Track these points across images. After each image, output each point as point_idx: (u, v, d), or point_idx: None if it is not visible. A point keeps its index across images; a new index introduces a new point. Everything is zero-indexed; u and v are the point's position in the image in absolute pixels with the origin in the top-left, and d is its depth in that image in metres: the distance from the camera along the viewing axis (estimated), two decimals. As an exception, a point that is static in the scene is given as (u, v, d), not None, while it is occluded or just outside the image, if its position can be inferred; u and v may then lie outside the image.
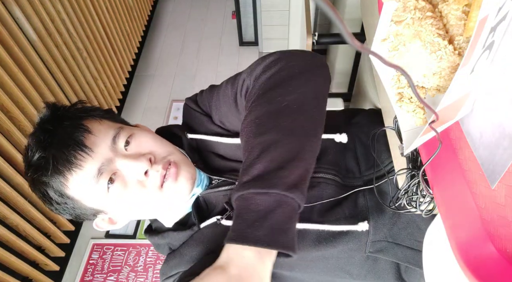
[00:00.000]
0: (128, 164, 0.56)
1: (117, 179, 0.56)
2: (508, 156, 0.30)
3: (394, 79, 0.45)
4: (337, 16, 0.18)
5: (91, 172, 0.55)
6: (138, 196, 0.58)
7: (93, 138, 0.56)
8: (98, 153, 0.55)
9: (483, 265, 0.33)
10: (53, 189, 0.56)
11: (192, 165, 0.65)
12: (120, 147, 0.58)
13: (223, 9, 2.80)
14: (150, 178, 0.58)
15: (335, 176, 0.66)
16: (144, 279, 1.63)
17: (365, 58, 1.49)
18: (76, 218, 0.62)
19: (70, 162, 0.54)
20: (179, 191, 0.61)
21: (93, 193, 0.56)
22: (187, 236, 0.65)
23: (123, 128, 0.60)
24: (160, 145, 0.62)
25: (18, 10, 1.37)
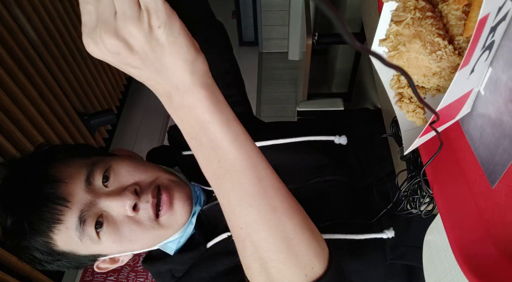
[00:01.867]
0: (112, 202, 0.50)
1: (105, 221, 0.51)
2: (508, 156, 0.30)
3: (394, 79, 0.45)
4: (337, 16, 0.18)
5: (73, 223, 0.49)
6: (134, 235, 0.52)
7: (64, 187, 0.49)
8: (75, 201, 0.49)
9: (483, 265, 0.33)
10: (39, 250, 0.51)
11: (184, 184, 0.59)
12: (98, 186, 0.52)
13: (223, 9, 2.80)
14: (141, 212, 0.52)
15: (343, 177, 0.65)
16: (144, 279, 1.63)
17: (365, 58, 1.49)
18: (75, 268, 0.57)
19: (47, 220, 0.48)
20: (177, 217, 0.56)
21: (84, 242, 0.51)
22: (194, 257, 0.60)
23: (96, 163, 0.53)
24: (144, 170, 0.56)
25: (18, 10, 1.37)
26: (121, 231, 0.52)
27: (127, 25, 0.30)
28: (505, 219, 0.32)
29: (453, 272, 0.40)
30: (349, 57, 1.88)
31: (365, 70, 1.59)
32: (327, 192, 0.64)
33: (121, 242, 0.52)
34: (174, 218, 0.55)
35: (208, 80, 0.35)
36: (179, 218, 0.56)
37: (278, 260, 0.35)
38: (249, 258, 0.37)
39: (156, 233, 0.54)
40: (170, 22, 0.31)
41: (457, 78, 0.30)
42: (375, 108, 1.09)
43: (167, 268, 0.61)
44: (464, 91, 0.33)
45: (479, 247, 0.34)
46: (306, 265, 0.36)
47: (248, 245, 0.36)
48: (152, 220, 0.53)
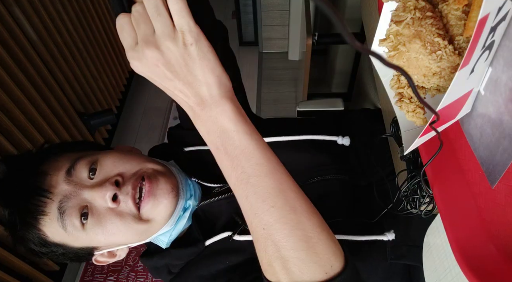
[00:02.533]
0: (92, 193, 0.51)
1: (89, 212, 0.51)
2: (508, 156, 0.30)
3: (394, 79, 0.45)
4: (337, 16, 0.18)
5: (54, 214, 0.50)
6: (116, 228, 0.52)
7: (49, 179, 0.51)
8: (56, 193, 0.50)
9: (483, 265, 0.33)
10: (32, 241, 0.52)
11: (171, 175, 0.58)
12: (82, 177, 0.52)
13: (223, 9, 2.80)
14: (122, 204, 0.52)
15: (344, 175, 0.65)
16: (144, 279, 1.63)
17: (365, 58, 1.49)
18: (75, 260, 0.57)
19: (33, 211, 0.50)
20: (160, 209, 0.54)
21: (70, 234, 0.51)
22: (191, 254, 0.60)
23: (83, 156, 0.54)
24: (128, 160, 0.55)
25: (18, 10, 1.37)
26: (104, 223, 0.52)
27: (165, 41, 0.35)
28: (505, 219, 0.32)
29: (453, 272, 0.40)
30: (349, 57, 1.88)
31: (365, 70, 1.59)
32: (328, 191, 0.64)
33: (105, 234, 0.52)
34: (157, 210, 0.54)
35: (232, 93, 0.39)
36: (162, 210, 0.55)
37: (299, 258, 0.36)
38: (270, 258, 0.38)
39: (139, 227, 0.53)
40: (200, 40, 0.36)
41: (457, 78, 0.30)
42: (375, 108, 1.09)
43: (164, 263, 0.61)
44: (464, 91, 0.33)
45: (479, 247, 0.34)
46: (326, 263, 0.37)
47: (269, 244, 0.37)
48: (133, 214, 0.52)
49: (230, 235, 0.58)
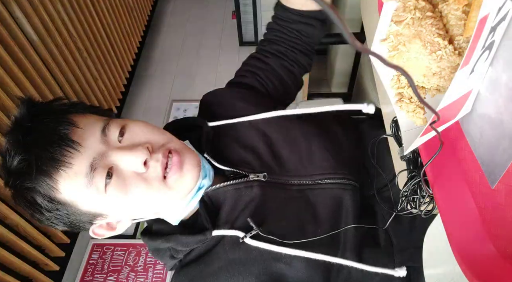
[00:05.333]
0: (124, 155, 0.50)
1: (114, 173, 0.50)
2: (508, 156, 0.30)
3: (394, 79, 0.45)
4: (337, 16, 0.18)
5: (83, 169, 0.48)
6: (139, 192, 0.52)
7: (80, 132, 0.50)
8: (87, 147, 0.49)
9: (483, 265, 0.33)
10: (41, 194, 0.49)
11: (194, 153, 0.59)
12: (113, 139, 0.52)
13: (223, 9, 2.80)
14: (150, 170, 0.52)
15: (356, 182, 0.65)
16: (144, 279, 1.63)
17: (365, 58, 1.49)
18: (70, 227, 0.55)
19: (57, 160, 0.47)
20: (185, 181, 0.55)
21: (89, 194, 0.50)
22: (197, 241, 0.59)
23: (112, 119, 0.54)
24: (157, 132, 0.57)
25: (18, 10, 1.37)
26: (128, 186, 0.51)
27: None
28: (505, 219, 0.32)
29: (453, 272, 0.40)
30: (349, 57, 1.88)
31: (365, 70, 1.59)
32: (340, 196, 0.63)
33: (126, 198, 0.51)
34: (182, 181, 0.54)
35: None
36: (187, 182, 0.55)
37: None
38: None
39: (162, 194, 0.53)
40: None
41: (457, 78, 0.30)
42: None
43: (168, 247, 0.60)
44: (464, 91, 0.33)
45: (479, 247, 0.34)
46: None
47: None
48: (159, 180, 0.52)
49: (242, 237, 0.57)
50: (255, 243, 0.57)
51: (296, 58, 0.75)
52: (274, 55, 0.74)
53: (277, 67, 0.74)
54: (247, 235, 0.57)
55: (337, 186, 0.63)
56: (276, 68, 0.74)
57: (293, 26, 0.72)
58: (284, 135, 0.66)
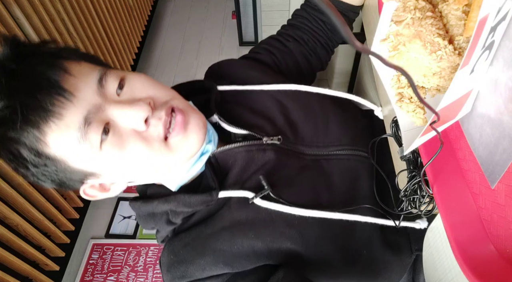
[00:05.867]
0: (123, 110, 0.45)
1: (111, 129, 0.45)
2: (508, 156, 0.30)
3: (394, 79, 0.45)
4: (337, 16, 0.18)
5: (75, 122, 0.43)
6: (138, 152, 0.47)
7: (73, 80, 0.44)
8: (82, 99, 0.44)
9: (482, 265, 0.33)
10: (26, 146, 0.43)
11: (200, 113, 0.53)
12: (111, 91, 0.47)
13: (223, 9, 2.80)
14: (151, 128, 0.47)
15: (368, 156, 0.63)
16: (144, 279, 1.63)
17: (365, 58, 1.49)
18: (59, 185, 0.50)
19: (46, 109, 0.41)
20: (189, 143, 0.50)
21: (81, 150, 0.44)
22: (202, 201, 0.53)
23: (110, 70, 0.49)
24: (160, 88, 0.51)
25: (18, 10, 1.37)
26: (126, 144, 0.46)
27: None
28: (505, 219, 0.32)
29: (453, 272, 0.40)
30: (349, 57, 1.88)
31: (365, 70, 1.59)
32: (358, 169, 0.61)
33: (123, 157, 0.46)
34: (185, 143, 0.49)
35: None
36: (191, 145, 0.50)
37: None
38: None
39: (163, 156, 0.48)
40: None
41: (457, 78, 0.30)
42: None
43: (166, 209, 0.54)
44: (464, 91, 0.33)
45: (479, 247, 0.34)
46: None
47: None
48: (160, 140, 0.48)
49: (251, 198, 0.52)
50: (265, 204, 0.53)
51: (316, 50, 0.73)
52: (296, 40, 0.72)
53: (296, 52, 0.72)
54: (257, 195, 0.52)
55: (354, 158, 0.61)
56: (294, 52, 0.72)
57: (321, 16, 0.70)
58: (301, 106, 0.63)
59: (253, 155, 0.56)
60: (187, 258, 0.52)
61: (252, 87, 0.62)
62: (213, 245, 0.52)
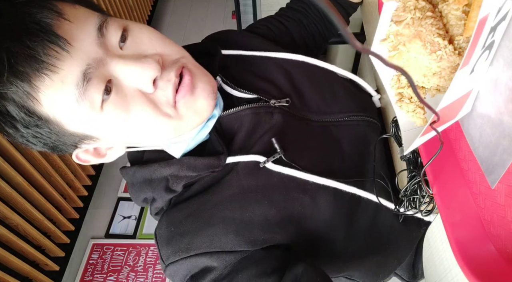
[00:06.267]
0: (129, 67, 0.40)
1: (114, 88, 0.40)
2: (508, 156, 0.30)
3: (394, 79, 0.45)
4: (337, 16, 0.18)
5: (73, 77, 0.37)
6: (144, 116, 0.42)
7: (68, 26, 0.37)
8: (79, 49, 0.37)
9: (482, 265, 0.33)
10: (15, 103, 0.37)
11: (208, 73, 0.48)
12: (113, 43, 0.41)
13: (223, 9, 2.80)
14: (159, 91, 0.42)
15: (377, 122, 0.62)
16: (144, 279, 1.63)
17: (365, 58, 1.49)
18: (51, 149, 0.44)
19: (37, 59, 0.35)
20: (197, 109, 0.45)
21: (79, 110, 0.39)
22: (208, 166, 0.48)
23: (110, 17, 0.42)
24: (169, 43, 0.45)
25: (18, 10, 1.37)
26: (130, 106, 0.41)
27: None
28: (505, 219, 0.32)
29: (453, 272, 0.40)
30: (349, 57, 1.88)
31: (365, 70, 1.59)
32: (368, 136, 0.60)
33: (127, 120, 0.41)
34: (193, 108, 0.45)
35: None
36: (200, 109, 0.45)
37: None
38: None
39: (169, 122, 0.44)
40: None
41: (457, 78, 0.30)
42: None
43: (166, 174, 0.48)
44: (464, 91, 0.33)
45: (479, 247, 0.34)
46: None
47: None
48: (169, 104, 0.43)
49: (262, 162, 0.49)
50: (277, 168, 0.49)
51: (313, 35, 0.73)
52: (296, 22, 0.71)
53: (295, 33, 0.71)
54: (269, 159, 0.49)
55: (364, 123, 0.60)
56: (293, 33, 0.71)
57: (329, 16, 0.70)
58: (307, 75, 0.61)
59: (260, 117, 0.53)
60: (191, 228, 0.48)
61: (258, 53, 0.58)
62: (222, 213, 0.48)
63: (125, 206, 1.77)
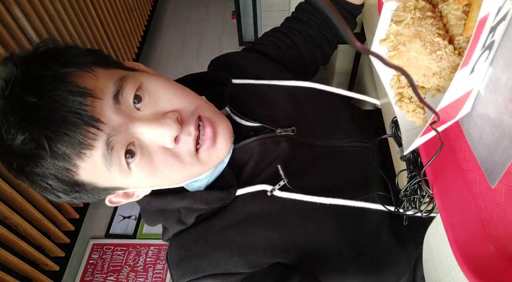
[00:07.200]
0: (150, 129, 0.42)
1: (138, 150, 0.42)
2: (507, 155, 0.30)
3: (394, 79, 0.45)
4: (337, 16, 0.18)
5: (100, 150, 0.40)
6: (169, 168, 0.45)
7: (95, 104, 0.39)
8: (106, 124, 0.40)
9: (482, 265, 0.33)
10: (57, 179, 0.41)
11: (227, 120, 0.51)
12: (129, 106, 0.42)
13: (223, 9, 2.80)
14: (181, 144, 0.45)
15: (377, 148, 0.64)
16: (144, 279, 1.63)
17: (365, 58, 1.49)
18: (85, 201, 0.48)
19: (76, 144, 0.38)
20: (219, 155, 0.49)
21: (110, 174, 0.43)
22: (219, 199, 0.51)
23: (125, 78, 0.43)
24: (184, 96, 0.47)
25: (18, 10, 1.37)
26: (156, 164, 0.44)
27: None
28: (505, 219, 0.32)
29: (453, 272, 0.40)
30: (349, 57, 1.88)
31: (365, 70, 1.59)
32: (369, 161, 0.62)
33: (154, 176, 0.44)
34: (214, 155, 0.48)
35: None
36: (220, 155, 0.49)
37: None
38: None
39: (193, 169, 0.47)
40: None
41: (457, 78, 0.30)
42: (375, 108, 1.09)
43: (179, 207, 0.51)
44: (464, 91, 0.33)
45: (479, 247, 0.34)
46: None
47: None
48: (191, 155, 0.45)
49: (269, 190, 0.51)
50: (281, 194, 0.51)
51: (321, 45, 0.73)
52: (302, 35, 0.71)
53: (302, 46, 0.71)
54: (275, 187, 0.51)
55: (365, 150, 0.62)
56: (300, 47, 0.71)
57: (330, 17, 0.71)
58: (312, 101, 0.64)
59: (268, 147, 0.55)
60: (199, 252, 0.51)
61: (266, 81, 0.61)
62: (228, 237, 0.51)
63: (125, 206, 1.77)
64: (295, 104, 0.62)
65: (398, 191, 0.52)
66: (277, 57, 0.70)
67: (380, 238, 0.59)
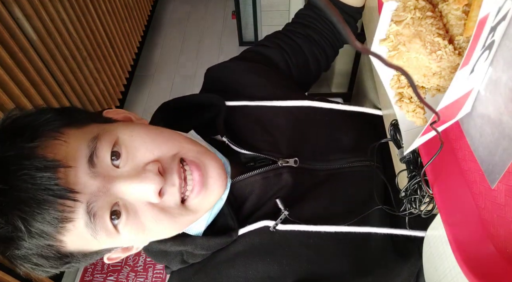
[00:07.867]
0: (132, 186, 0.39)
1: (123, 211, 0.40)
2: (508, 155, 0.30)
3: (394, 79, 0.45)
4: (337, 16, 0.18)
5: (82, 220, 0.38)
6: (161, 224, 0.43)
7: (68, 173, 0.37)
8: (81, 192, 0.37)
9: (482, 265, 0.33)
10: (43, 257, 0.39)
11: (215, 157, 0.48)
12: (107, 166, 0.40)
13: (223, 9, 2.80)
14: (166, 197, 0.42)
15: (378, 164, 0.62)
16: (144, 279, 1.63)
17: (365, 58, 1.49)
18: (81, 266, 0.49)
19: (53, 222, 0.36)
20: (211, 200, 0.46)
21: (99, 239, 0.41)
22: (221, 243, 0.50)
23: (99, 137, 0.40)
24: (162, 141, 0.44)
25: (18, 10, 1.37)
26: (144, 221, 0.41)
27: None
28: (505, 218, 0.32)
29: (453, 272, 0.40)
30: (349, 57, 1.88)
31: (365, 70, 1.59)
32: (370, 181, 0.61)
33: (145, 234, 0.42)
34: (207, 200, 0.45)
35: None
36: (213, 199, 0.46)
37: None
38: None
39: (185, 219, 0.44)
40: None
41: (457, 78, 0.30)
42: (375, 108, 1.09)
43: (181, 250, 0.50)
44: (464, 91, 0.33)
45: (479, 246, 0.34)
46: None
47: None
48: (178, 206, 0.43)
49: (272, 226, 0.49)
50: (280, 227, 0.50)
51: (325, 49, 0.72)
52: (306, 38, 0.70)
53: (306, 50, 0.70)
54: (277, 222, 0.49)
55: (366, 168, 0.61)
56: (305, 50, 0.70)
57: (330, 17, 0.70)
58: (313, 121, 0.62)
59: (270, 180, 0.53)
60: None
61: (263, 103, 0.58)
62: (227, 271, 0.50)
63: (125, 206, 1.77)
64: (296, 126, 0.60)
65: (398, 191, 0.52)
66: (283, 63, 0.68)
67: (385, 257, 0.57)
